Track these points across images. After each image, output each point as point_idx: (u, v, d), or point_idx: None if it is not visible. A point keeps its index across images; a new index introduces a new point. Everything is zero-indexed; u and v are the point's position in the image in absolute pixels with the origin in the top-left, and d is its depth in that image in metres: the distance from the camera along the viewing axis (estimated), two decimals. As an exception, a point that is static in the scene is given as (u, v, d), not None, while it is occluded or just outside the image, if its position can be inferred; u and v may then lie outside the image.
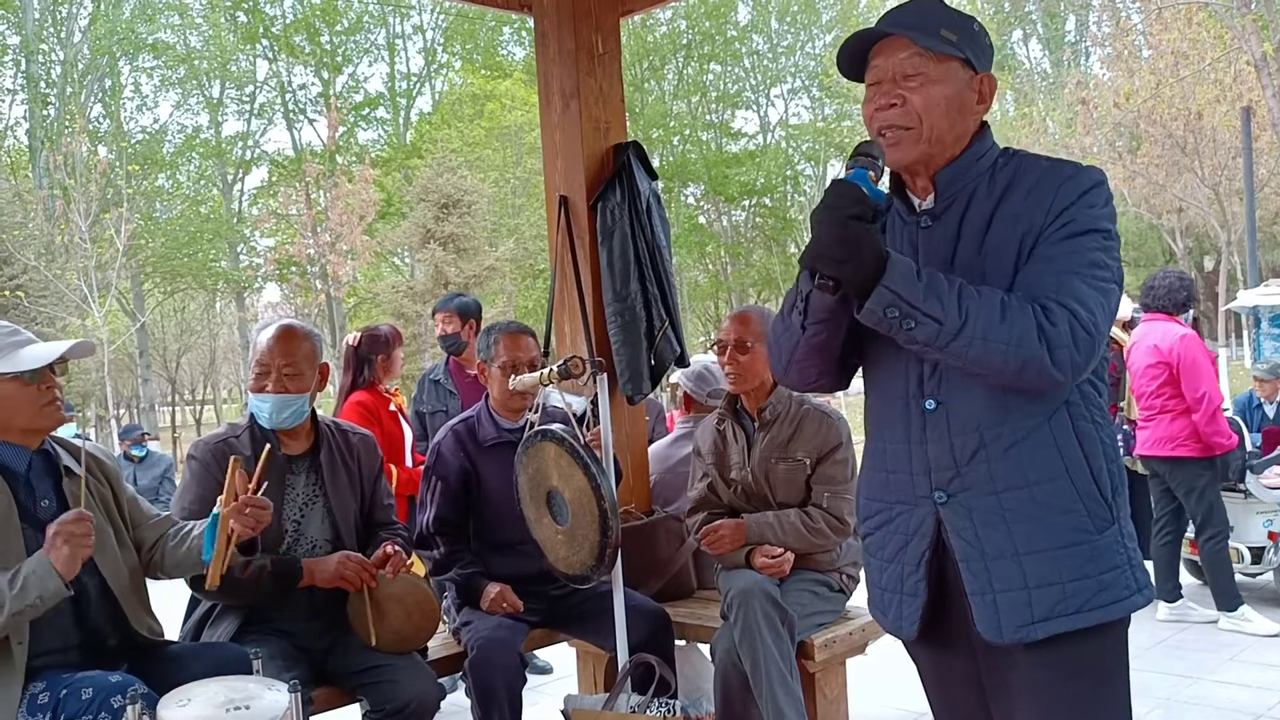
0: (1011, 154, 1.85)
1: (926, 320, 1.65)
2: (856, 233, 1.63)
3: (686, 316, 31.73)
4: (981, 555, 1.77)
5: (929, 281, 1.66)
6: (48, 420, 2.52)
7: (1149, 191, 23.48)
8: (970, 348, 1.65)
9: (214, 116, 31.92)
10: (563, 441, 2.92)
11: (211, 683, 2.27)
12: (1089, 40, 31.43)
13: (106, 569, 2.54)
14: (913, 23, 1.79)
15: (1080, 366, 1.68)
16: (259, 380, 2.87)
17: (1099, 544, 1.75)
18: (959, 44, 1.78)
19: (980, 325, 1.64)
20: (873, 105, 1.82)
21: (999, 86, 1.93)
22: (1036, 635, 1.74)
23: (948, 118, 1.79)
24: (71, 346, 2.54)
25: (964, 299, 1.65)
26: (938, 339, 1.66)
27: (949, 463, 1.79)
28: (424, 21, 34.53)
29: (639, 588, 3.47)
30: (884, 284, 1.64)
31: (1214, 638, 5.12)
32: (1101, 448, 1.79)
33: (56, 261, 21.72)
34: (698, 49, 34.08)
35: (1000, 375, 1.69)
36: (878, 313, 1.66)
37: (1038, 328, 1.64)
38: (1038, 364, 1.65)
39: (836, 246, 1.64)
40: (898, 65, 1.78)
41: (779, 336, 1.91)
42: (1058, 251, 1.71)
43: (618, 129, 4.00)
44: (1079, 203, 1.73)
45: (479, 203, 23.18)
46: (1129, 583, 1.78)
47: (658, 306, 3.89)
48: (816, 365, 1.90)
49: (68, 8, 29.53)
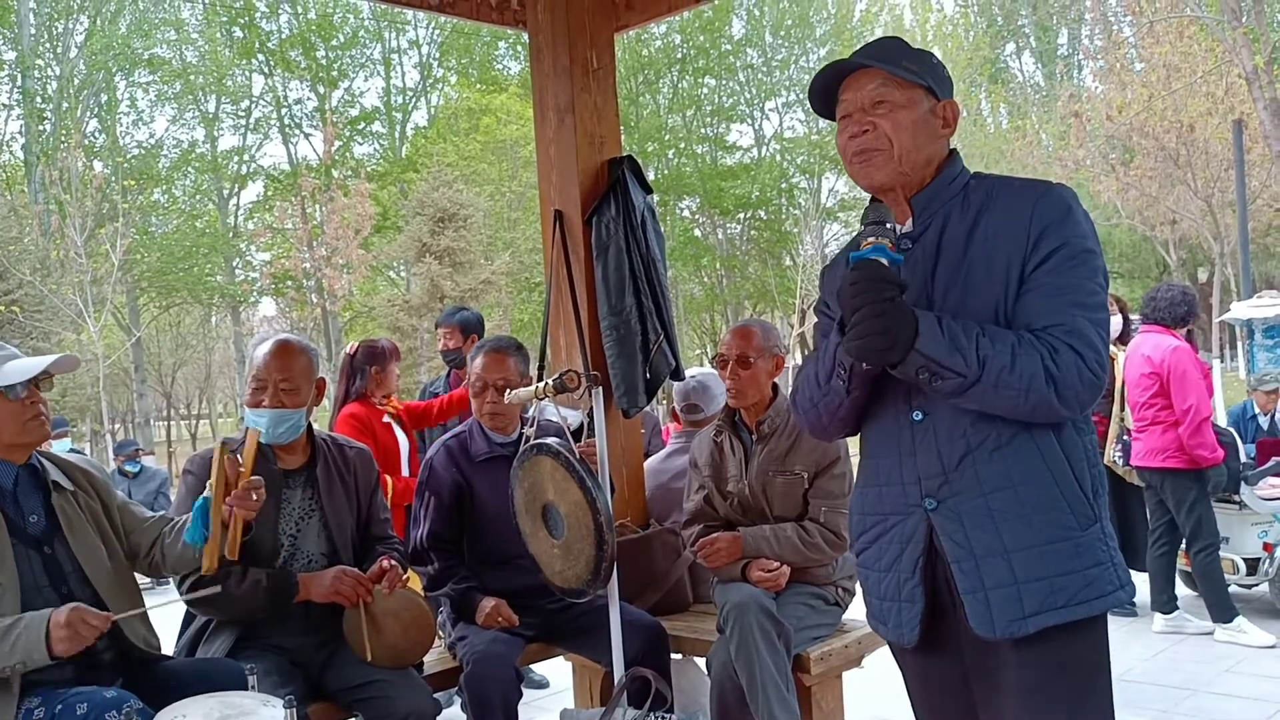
0: (981, 177, 1.97)
1: (951, 375, 1.76)
2: (894, 317, 1.74)
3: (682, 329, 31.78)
4: (972, 555, 1.84)
5: (951, 337, 1.76)
6: (32, 435, 2.51)
7: (1142, 204, 23.54)
8: (984, 395, 1.77)
9: (210, 131, 31.94)
10: (559, 455, 2.93)
11: (207, 698, 2.27)
12: (1081, 53, 31.61)
13: (101, 585, 2.53)
14: (878, 55, 1.95)
15: (1086, 402, 1.80)
16: (256, 395, 2.87)
17: (1083, 540, 1.82)
18: (920, 73, 1.93)
19: (994, 373, 1.75)
20: (845, 135, 1.95)
21: (993, 100, 2.02)
22: (1028, 629, 1.80)
23: (915, 140, 1.91)
24: (54, 361, 2.54)
25: (980, 349, 1.76)
26: (958, 389, 1.77)
27: (938, 470, 1.87)
28: (419, 36, 34.63)
29: (635, 601, 3.47)
30: (917, 349, 1.75)
31: (1210, 649, 5.12)
32: (1082, 449, 1.87)
33: (52, 276, 21.68)
34: (692, 63, 34.17)
35: (1011, 414, 1.80)
36: (910, 374, 1.79)
37: (1045, 372, 1.75)
38: (1046, 405, 1.77)
39: (880, 338, 1.74)
40: (866, 95, 1.92)
41: (818, 401, 2.01)
42: (1058, 282, 1.82)
43: (612, 143, 4.01)
44: (1064, 225, 1.83)
45: (474, 216, 23.21)
46: (1112, 578, 1.85)
47: (653, 320, 3.90)
48: (853, 419, 2.02)
49: (64, 23, 29.57)
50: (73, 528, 2.54)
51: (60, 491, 2.56)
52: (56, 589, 2.47)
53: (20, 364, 2.50)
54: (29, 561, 2.44)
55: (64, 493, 2.56)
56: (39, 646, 2.25)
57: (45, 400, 2.56)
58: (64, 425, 9.56)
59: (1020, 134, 27.02)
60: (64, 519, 2.53)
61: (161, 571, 2.72)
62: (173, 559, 2.68)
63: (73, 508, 2.57)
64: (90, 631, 2.29)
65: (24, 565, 2.42)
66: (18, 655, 2.26)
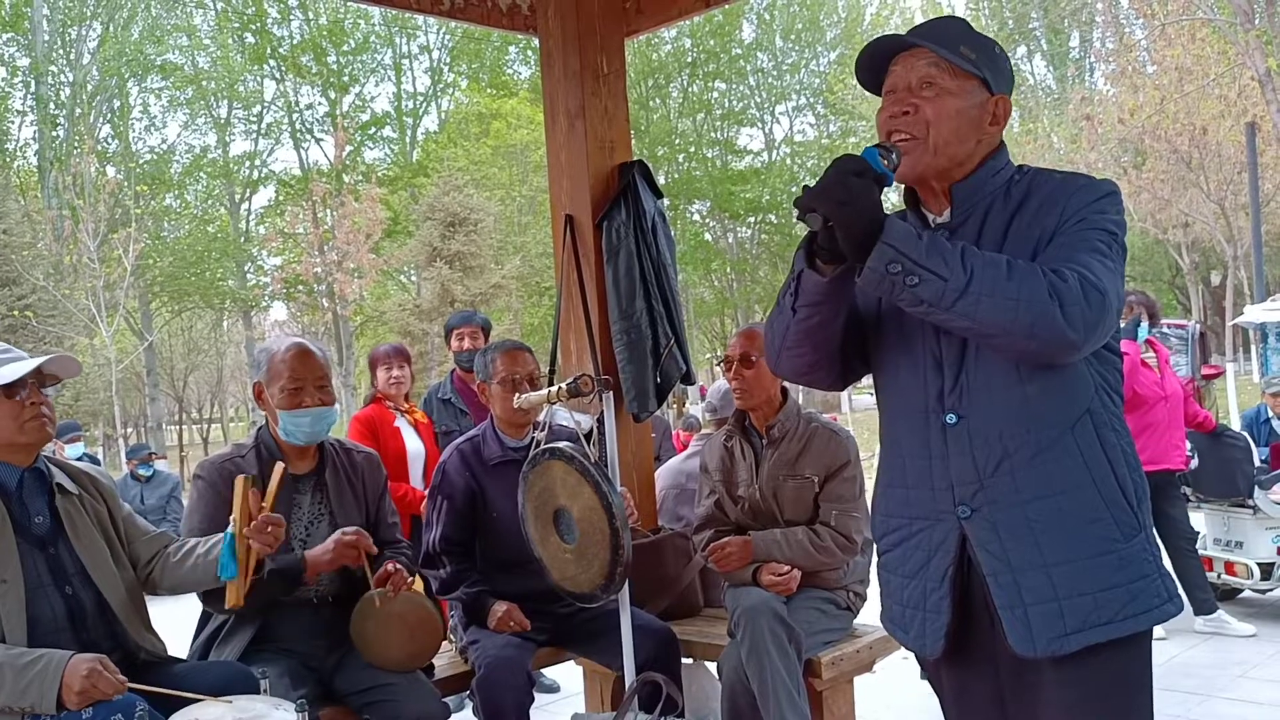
0: (1026, 170, 1.87)
1: (930, 276, 1.62)
2: (857, 184, 1.62)
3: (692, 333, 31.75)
4: (1009, 568, 1.74)
5: (930, 240, 1.65)
6: (31, 435, 2.49)
7: (1154, 207, 23.46)
8: (979, 305, 1.62)
9: (221, 136, 32.12)
10: (572, 459, 2.92)
11: (219, 703, 2.27)
12: (1093, 56, 31.51)
13: (104, 585, 2.53)
14: (935, 36, 1.82)
15: (1093, 325, 1.65)
16: (295, 397, 2.85)
17: (1127, 552, 1.73)
18: (978, 63, 1.81)
19: (987, 281, 1.62)
20: (886, 112, 1.83)
21: None
22: (1070, 647, 1.71)
23: (957, 132, 1.80)
24: (47, 360, 2.53)
25: (968, 257, 1.64)
26: (943, 297, 1.62)
27: (972, 476, 1.77)
28: (430, 41, 34.75)
29: (645, 606, 3.46)
30: (884, 240, 1.62)
31: (1225, 654, 5.10)
32: (1124, 455, 1.78)
33: (65, 281, 21.83)
34: (703, 67, 34.23)
35: (1011, 335, 1.64)
36: (879, 270, 1.63)
37: (1048, 285, 1.62)
38: (1049, 320, 1.61)
39: (837, 188, 1.62)
40: (915, 74, 1.81)
41: (772, 323, 1.91)
42: (1064, 239, 1.73)
43: (623, 148, 4.02)
44: (1090, 207, 1.75)
45: (485, 221, 23.27)
46: (1159, 591, 1.75)
47: (663, 324, 3.90)
48: (809, 353, 1.88)
49: (77, 30, 29.76)
50: (76, 529, 2.54)
51: (65, 494, 2.56)
52: (59, 587, 2.48)
53: (16, 365, 2.49)
54: (33, 560, 2.45)
55: (69, 495, 2.57)
56: (52, 691, 2.21)
57: (49, 402, 2.55)
58: (77, 429, 9.58)
59: (1032, 137, 26.98)
60: (68, 520, 2.54)
61: (157, 588, 2.70)
62: (174, 580, 2.66)
63: (77, 510, 2.57)
64: (109, 689, 2.24)
65: (28, 563, 2.43)
66: (29, 699, 2.22)
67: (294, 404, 2.86)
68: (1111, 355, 1.83)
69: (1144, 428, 5.24)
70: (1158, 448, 5.31)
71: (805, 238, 1.75)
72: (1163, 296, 31.50)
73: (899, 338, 1.88)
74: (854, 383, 2.03)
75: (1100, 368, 1.80)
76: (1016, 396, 1.75)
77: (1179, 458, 5.45)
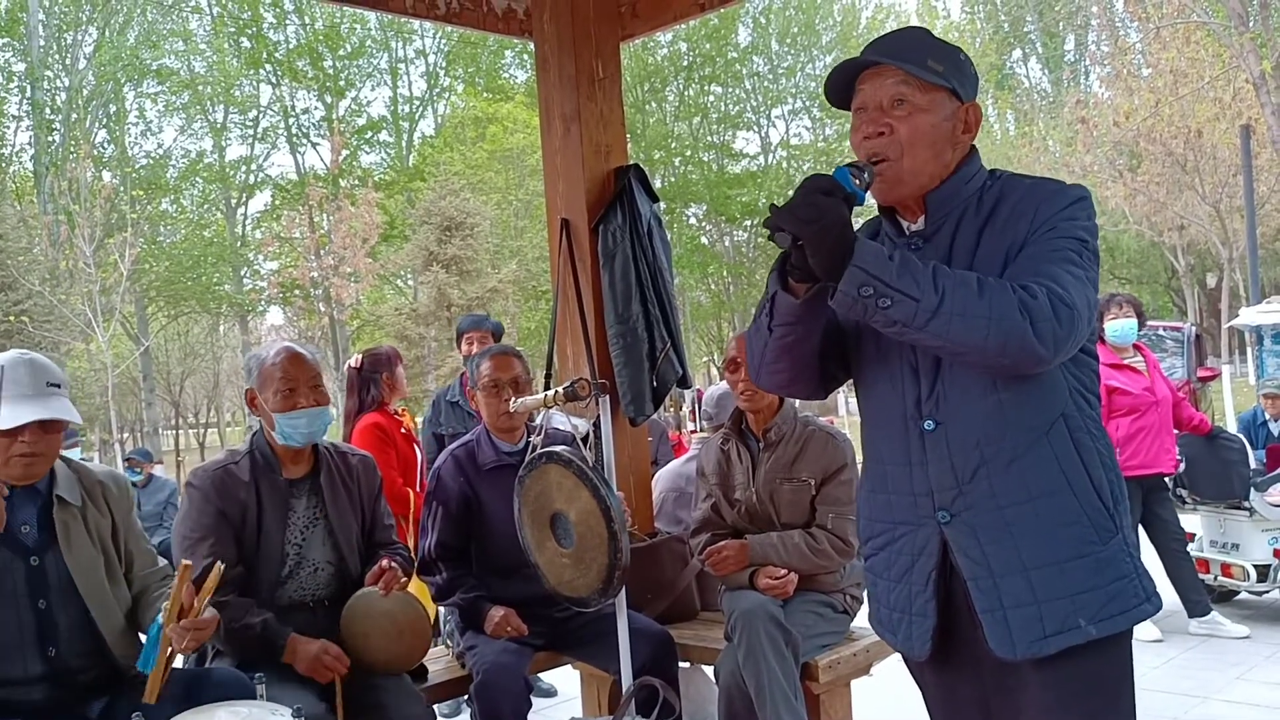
0: (998, 175, 1.88)
1: (902, 298, 1.63)
2: (825, 202, 1.63)
3: (689, 337, 31.75)
4: (989, 572, 1.77)
5: (901, 261, 1.65)
6: (12, 472, 2.42)
7: (1150, 209, 23.50)
8: (950, 325, 1.63)
9: (217, 141, 32.10)
10: (570, 464, 2.92)
11: (217, 709, 2.26)
12: (1088, 59, 31.57)
13: (92, 601, 2.48)
14: (900, 52, 1.82)
15: (1062, 340, 1.67)
16: (289, 399, 2.85)
17: (1104, 555, 1.75)
18: (945, 74, 1.81)
19: (959, 301, 1.63)
20: (859, 134, 1.84)
21: (1000, 106, 1.98)
22: (1049, 649, 1.73)
23: (932, 148, 1.81)
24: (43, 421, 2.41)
25: (939, 277, 1.65)
26: (915, 317, 1.64)
27: (951, 482, 1.79)
28: (426, 46, 34.76)
29: (642, 609, 3.46)
30: (854, 263, 1.62)
31: (1221, 656, 5.10)
32: (1099, 458, 1.80)
33: (61, 286, 21.80)
34: (698, 71, 34.26)
35: (983, 353, 1.66)
36: (851, 293, 1.64)
37: (1019, 302, 1.64)
38: (1020, 337, 1.63)
39: (804, 207, 1.63)
40: (885, 92, 1.81)
41: (751, 340, 1.94)
42: (1034, 250, 1.74)
43: (619, 152, 4.02)
44: (1059, 215, 1.76)
45: (481, 225, 23.28)
46: (1137, 591, 1.78)
47: (659, 328, 3.90)
48: (787, 369, 1.91)
49: (73, 34, 29.75)
50: (70, 541, 2.49)
51: (64, 505, 2.51)
52: (33, 601, 2.42)
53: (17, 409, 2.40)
54: (10, 569, 2.40)
55: (68, 507, 2.51)
56: None
57: (54, 446, 2.47)
58: (74, 435, 9.52)
59: (1027, 140, 27.06)
60: (62, 532, 2.48)
61: (137, 619, 2.61)
62: (153, 615, 2.51)
63: (76, 522, 2.52)
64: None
65: (11, 570, 2.39)
66: None
67: (289, 405, 2.85)
68: (1087, 358, 1.84)
69: (1136, 432, 5.30)
70: (1149, 452, 5.34)
71: (779, 258, 1.77)
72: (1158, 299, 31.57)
73: (877, 347, 1.90)
74: (835, 390, 2.05)
75: (1076, 370, 1.82)
76: (992, 403, 1.77)
77: (1169, 461, 5.48)
